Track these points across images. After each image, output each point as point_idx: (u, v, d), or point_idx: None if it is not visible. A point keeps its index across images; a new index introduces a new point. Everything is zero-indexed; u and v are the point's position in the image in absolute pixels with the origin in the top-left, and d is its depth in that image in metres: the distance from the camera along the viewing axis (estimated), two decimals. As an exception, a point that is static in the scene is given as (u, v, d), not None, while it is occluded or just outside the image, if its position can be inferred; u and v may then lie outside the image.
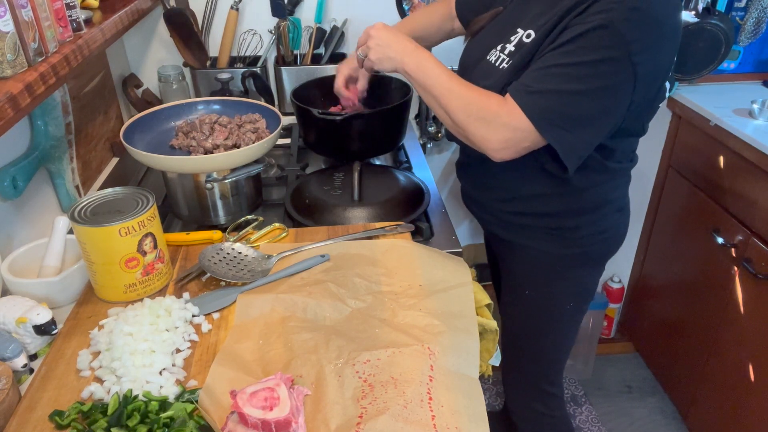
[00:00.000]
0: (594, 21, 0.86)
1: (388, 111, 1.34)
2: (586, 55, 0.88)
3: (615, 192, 1.13)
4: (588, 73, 0.88)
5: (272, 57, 1.75)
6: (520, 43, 0.99)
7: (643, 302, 2.16)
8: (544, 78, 0.91)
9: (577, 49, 0.89)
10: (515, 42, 1.00)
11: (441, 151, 2.04)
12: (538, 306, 1.23)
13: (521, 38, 1.00)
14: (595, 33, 0.86)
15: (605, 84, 0.89)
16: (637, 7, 0.85)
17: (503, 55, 1.02)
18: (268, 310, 0.91)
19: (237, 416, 0.69)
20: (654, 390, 2.10)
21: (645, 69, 0.89)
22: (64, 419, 0.72)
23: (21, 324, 0.84)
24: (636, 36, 0.86)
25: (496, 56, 1.03)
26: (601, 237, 1.15)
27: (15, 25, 0.79)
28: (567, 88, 0.90)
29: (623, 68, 0.88)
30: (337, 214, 1.17)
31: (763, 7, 1.68)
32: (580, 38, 0.88)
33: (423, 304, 0.91)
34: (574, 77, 0.89)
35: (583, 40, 0.88)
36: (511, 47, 1.01)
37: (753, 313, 1.53)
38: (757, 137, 1.47)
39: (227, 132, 1.21)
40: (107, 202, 0.94)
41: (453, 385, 0.77)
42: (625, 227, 1.20)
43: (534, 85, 0.92)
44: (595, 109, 0.91)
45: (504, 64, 1.01)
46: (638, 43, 0.86)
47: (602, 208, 1.12)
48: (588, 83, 0.89)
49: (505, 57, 1.01)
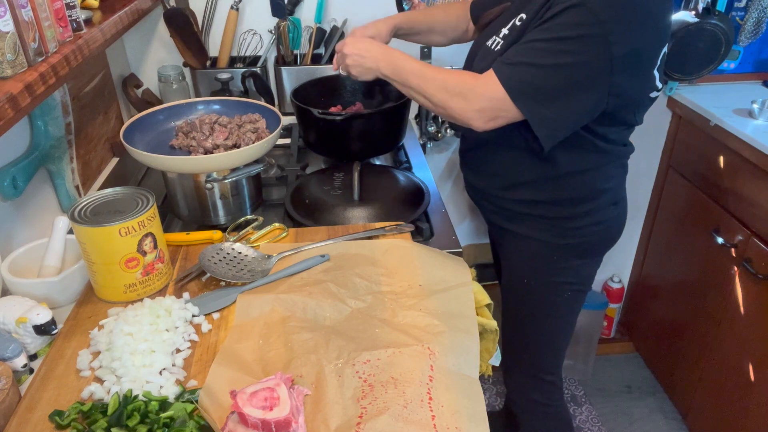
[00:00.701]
0: (570, 0, 0.92)
1: (388, 111, 1.34)
2: (561, 31, 0.93)
3: (609, 182, 1.15)
4: (561, 48, 0.93)
5: (272, 57, 1.75)
6: (513, 26, 1.05)
7: (643, 302, 2.16)
8: (522, 52, 0.97)
9: (553, 26, 0.94)
10: (509, 25, 1.06)
11: (441, 151, 2.04)
12: (537, 295, 1.26)
13: (515, 22, 1.05)
14: (571, 11, 0.92)
15: (577, 60, 0.93)
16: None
17: (498, 38, 1.08)
18: (268, 310, 0.91)
19: (237, 416, 0.69)
20: (654, 390, 2.10)
21: (622, 50, 0.93)
22: (64, 419, 0.72)
23: (21, 324, 0.84)
24: (610, 16, 0.90)
25: (493, 40, 1.09)
26: (597, 229, 1.18)
27: (15, 25, 0.79)
28: (540, 61, 0.95)
29: (597, 46, 0.92)
30: (337, 214, 1.17)
31: (763, 7, 1.68)
32: (557, 16, 0.94)
33: (423, 304, 0.91)
34: (548, 51, 0.94)
35: (559, 17, 0.93)
36: (505, 30, 1.07)
37: (753, 313, 1.53)
38: (757, 137, 1.47)
39: (227, 132, 1.21)
40: (107, 202, 0.94)
41: (453, 385, 0.77)
42: (621, 221, 1.23)
43: (512, 58, 0.97)
44: (566, 83, 0.96)
45: (498, 46, 1.07)
46: (613, 23, 0.91)
47: (597, 199, 1.15)
48: (560, 58, 0.94)
49: (500, 40, 1.07)
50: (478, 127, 1.01)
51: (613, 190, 1.18)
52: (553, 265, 1.22)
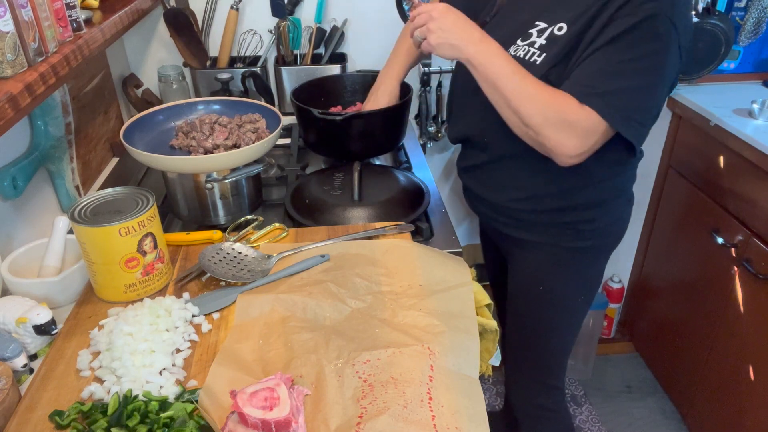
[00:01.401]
0: (644, 11, 0.88)
1: (388, 111, 1.34)
2: (645, 46, 0.89)
3: (629, 182, 1.17)
4: (652, 64, 0.90)
5: (272, 57, 1.75)
6: (552, 37, 0.99)
7: (643, 302, 2.16)
8: (611, 77, 0.91)
9: (634, 42, 0.89)
10: (546, 35, 0.99)
11: (441, 151, 2.04)
12: (550, 301, 1.23)
13: (552, 31, 0.99)
14: (648, 23, 0.88)
15: (666, 72, 0.92)
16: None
17: (533, 49, 1.00)
18: (268, 310, 0.91)
19: (237, 416, 0.69)
20: (654, 390, 2.10)
21: (685, 52, 0.93)
22: (64, 419, 0.72)
23: (21, 324, 0.84)
24: (681, 22, 0.89)
25: (524, 51, 1.02)
26: (612, 228, 1.17)
27: (15, 25, 0.79)
28: (638, 83, 0.91)
29: (676, 54, 0.91)
30: (337, 214, 1.17)
31: (763, 7, 1.68)
32: (633, 30, 0.89)
33: (423, 304, 0.91)
34: (641, 70, 0.90)
35: (636, 31, 0.88)
36: (541, 41, 1.00)
37: (753, 313, 1.53)
38: (757, 137, 1.47)
39: (227, 132, 1.21)
40: (107, 202, 0.94)
41: (453, 385, 0.77)
42: (629, 216, 1.22)
43: (600, 85, 0.91)
44: (660, 97, 0.95)
45: (536, 57, 1.00)
46: (682, 28, 0.90)
47: (617, 198, 1.15)
48: (655, 74, 0.91)
49: (535, 51, 1.00)
50: (566, 162, 0.96)
51: (629, 189, 1.18)
52: (566, 270, 1.19)
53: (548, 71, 0.98)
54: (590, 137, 0.93)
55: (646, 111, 0.95)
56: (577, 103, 0.92)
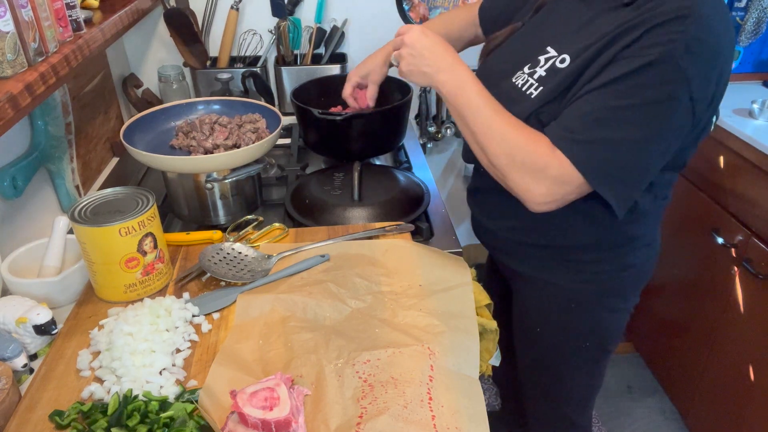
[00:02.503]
0: (651, 54, 0.75)
1: (388, 111, 1.34)
2: (643, 94, 0.77)
3: (645, 227, 1.01)
4: (647, 116, 0.78)
5: (272, 57, 1.76)
6: (553, 69, 0.88)
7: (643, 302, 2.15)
8: (596, 124, 0.79)
9: (631, 89, 0.77)
10: (547, 66, 0.89)
11: (441, 151, 2.05)
12: (552, 344, 1.13)
13: (554, 63, 0.88)
14: (653, 68, 0.75)
15: (665, 126, 0.78)
16: (699, 37, 0.74)
17: (532, 79, 0.90)
18: (268, 310, 0.91)
19: (237, 416, 0.69)
20: (654, 390, 2.10)
21: (706, 103, 0.80)
22: (64, 419, 0.72)
23: (21, 324, 0.84)
24: (697, 71, 0.75)
25: (524, 80, 0.92)
26: (625, 273, 1.03)
27: (15, 25, 0.79)
28: (624, 136, 0.78)
29: (683, 107, 0.77)
30: (337, 214, 1.17)
31: (763, 7, 1.68)
32: (634, 75, 0.76)
33: (423, 304, 0.91)
34: (631, 122, 0.78)
35: (638, 77, 0.76)
36: (541, 71, 0.90)
37: (753, 313, 1.53)
38: (757, 137, 1.47)
39: (227, 132, 1.21)
40: (107, 202, 0.94)
41: (453, 385, 0.77)
42: (652, 262, 1.07)
43: (582, 132, 0.80)
44: (655, 154, 0.81)
45: (532, 89, 0.90)
46: (698, 78, 0.76)
47: (629, 244, 1.01)
48: (647, 129, 0.78)
49: (533, 82, 0.90)
50: (536, 209, 0.86)
51: (647, 235, 1.02)
52: (569, 311, 1.07)
53: (541, 108, 0.87)
54: (562, 187, 0.83)
55: (633, 169, 0.81)
56: (550, 148, 0.82)
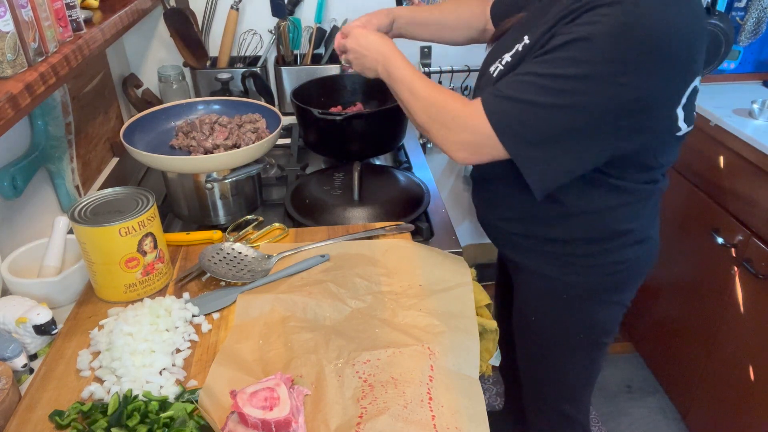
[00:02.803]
0: (578, 32, 0.79)
1: (388, 111, 1.34)
2: (563, 67, 0.80)
3: (633, 222, 1.00)
4: (561, 87, 0.80)
5: (272, 57, 1.76)
6: (515, 53, 0.93)
7: (643, 302, 2.16)
8: (516, 85, 0.84)
9: (555, 60, 0.81)
10: (513, 52, 0.94)
11: (441, 151, 2.04)
12: (546, 335, 1.14)
13: (518, 48, 0.93)
14: (576, 45, 0.79)
15: (579, 102, 0.80)
16: (627, 22, 0.76)
17: (500, 65, 0.96)
18: (268, 310, 0.91)
19: (237, 416, 0.69)
20: (654, 390, 2.10)
21: (635, 94, 0.80)
22: (64, 419, 0.72)
23: (21, 324, 0.84)
24: (620, 55, 0.77)
25: (495, 66, 0.97)
26: (617, 269, 1.03)
27: (15, 25, 0.79)
28: (536, 99, 0.82)
29: (603, 88, 0.79)
30: (337, 214, 1.17)
31: (763, 7, 1.68)
32: (561, 48, 0.80)
33: (423, 304, 0.91)
34: (546, 89, 0.81)
35: (563, 50, 0.80)
36: (508, 57, 0.94)
37: (753, 313, 1.53)
38: (757, 137, 1.47)
39: (227, 132, 1.21)
40: (107, 202, 0.94)
41: (453, 385, 0.77)
42: (648, 260, 1.07)
43: (504, 90, 0.85)
44: (563, 127, 0.83)
45: (497, 74, 0.95)
46: (624, 63, 0.77)
47: (618, 239, 1.01)
48: (559, 98, 0.81)
49: (501, 67, 0.95)
50: (458, 160, 0.92)
51: (639, 230, 1.01)
52: (561, 304, 1.08)
53: (496, 84, 0.90)
54: (474, 136, 0.87)
55: (538, 133, 0.84)
56: (465, 102, 0.89)
